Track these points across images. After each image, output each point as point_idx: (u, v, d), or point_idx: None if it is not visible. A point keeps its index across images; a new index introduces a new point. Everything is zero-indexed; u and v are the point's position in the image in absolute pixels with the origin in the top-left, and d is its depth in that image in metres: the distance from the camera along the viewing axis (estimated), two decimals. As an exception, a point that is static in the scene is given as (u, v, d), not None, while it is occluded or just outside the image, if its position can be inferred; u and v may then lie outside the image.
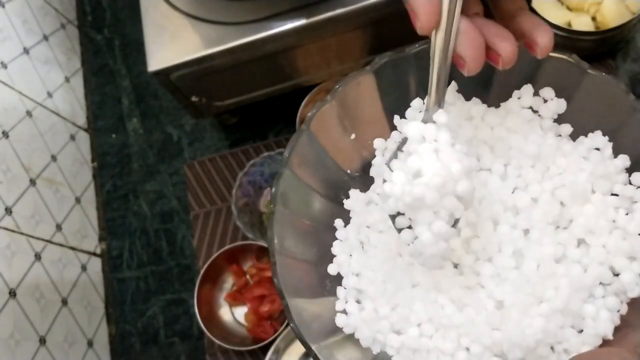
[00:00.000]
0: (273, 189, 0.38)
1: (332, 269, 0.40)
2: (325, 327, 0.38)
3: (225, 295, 0.75)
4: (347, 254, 0.40)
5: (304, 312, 0.36)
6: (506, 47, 0.30)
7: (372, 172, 0.42)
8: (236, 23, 0.60)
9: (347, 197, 0.42)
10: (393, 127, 0.42)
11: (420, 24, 0.29)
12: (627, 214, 0.36)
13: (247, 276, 0.75)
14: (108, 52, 0.95)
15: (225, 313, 0.75)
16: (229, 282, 0.76)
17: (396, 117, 0.42)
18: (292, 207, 0.39)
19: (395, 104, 0.41)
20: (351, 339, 0.38)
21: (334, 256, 0.41)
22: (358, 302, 0.39)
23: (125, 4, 0.97)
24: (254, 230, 0.73)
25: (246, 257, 0.76)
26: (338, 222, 0.42)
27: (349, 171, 0.43)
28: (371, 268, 0.39)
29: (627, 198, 0.36)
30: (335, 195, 0.42)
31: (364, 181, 0.43)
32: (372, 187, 0.42)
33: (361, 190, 0.42)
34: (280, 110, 0.82)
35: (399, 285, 0.37)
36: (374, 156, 0.42)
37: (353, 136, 0.42)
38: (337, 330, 0.38)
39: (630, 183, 0.36)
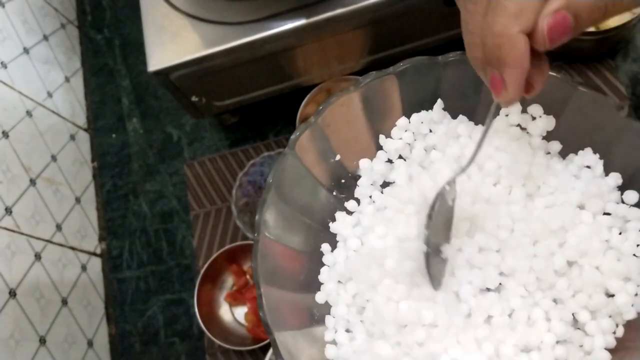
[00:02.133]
0: (257, 217, 0.36)
1: (319, 298, 0.38)
2: (313, 357, 0.36)
3: (225, 295, 0.75)
4: (335, 280, 0.38)
5: (292, 346, 0.34)
6: (541, 81, 0.31)
7: (357, 193, 0.41)
8: (236, 23, 0.60)
9: (333, 220, 0.41)
10: (379, 147, 0.42)
11: (510, 99, 0.29)
12: (620, 234, 0.35)
13: (247, 276, 0.75)
14: (108, 52, 0.95)
15: (225, 313, 0.75)
16: (229, 282, 0.76)
17: (381, 137, 0.41)
18: (277, 233, 0.37)
19: (381, 123, 0.40)
20: None
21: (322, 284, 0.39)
22: (348, 331, 0.37)
23: (125, 4, 0.97)
24: (254, 230, 0.73)
25: (246, 257, 0.76)
26: (325, 247, 0.40)
27: (334, 193, 0.42)
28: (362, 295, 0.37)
29: (620, 217, 0.35)
30: (322, 218, 0.41)
31: (350, 202, 0.42)
32: (359, 208, 0.41)
33: (347, 213, 0.41)
34: (280, 110, 0.82)
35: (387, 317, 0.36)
36: (359, 177, 0.41)
37: (338, 157, 0.41)
38: None
39: (622, 202, 0.36)
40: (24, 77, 0.81)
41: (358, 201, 0.42)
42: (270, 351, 0.69)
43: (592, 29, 0.68)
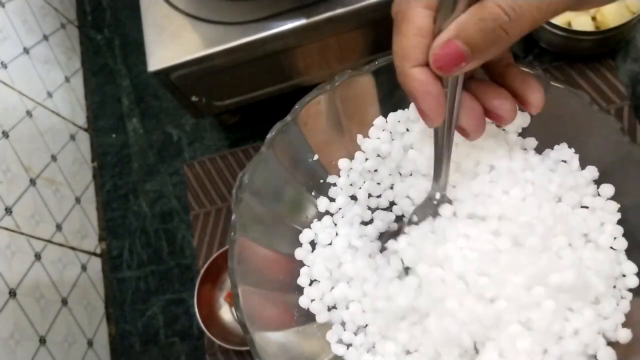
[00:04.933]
0: (233, 216, 0.35)
1: (303, 302, 0.37)
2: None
3: (225, 295, 0.75)
4: (320, 281, 0.38)
5: (269, 346, 0.34)
6: (506, 108, 0.31)
7: (332, 192, 0.41)
8: (236, 23, 0.60)
9: (312, 220, 0.40)
10: (358, 147, 0.41)
11: (431, 122, 0.30)
12: (602, 225, 0.35)
13: (247, 276, 0.75)
14: (108, 52, 0.95)
15: (225, 313, 0.75)
16: (229, 282, 0.76)
17: (359, 137, 0.41)
18: (255, 233, 0.37)
19: (359, 122, 0.40)
20: None
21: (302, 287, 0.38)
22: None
23: (125, 4, 0.97)
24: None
25: (246, 257, 0.76)
26: (304, 248, 0.39)
27: (313, 193, 0.42)
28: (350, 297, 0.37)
29: (597, 210, 0.35)
30: (301, 219, 0.40)
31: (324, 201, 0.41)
32: (334, 207, 0.41)
33: (327, 213, 0.40)
34: (280, 110, 0.82)
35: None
36: (338, 177, 0.41)
37: (316, 157, 0.41)
38: None
39: (599, 195, 0.36)
40: (24, 77, 0.81)
41: (334, 200, 0.41)
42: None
43: (592, 28, 0.68)
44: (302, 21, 0.59)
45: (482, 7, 0.26)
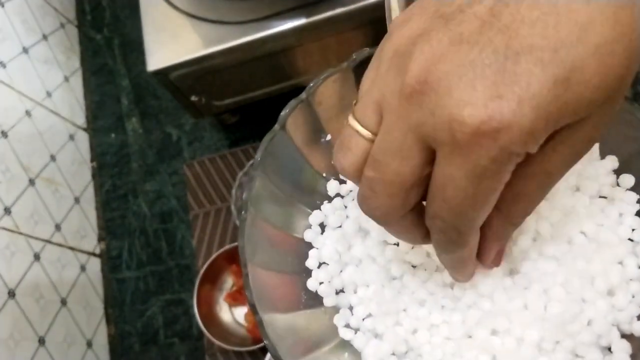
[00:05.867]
0: (244, 194, 0.35)
1: (311, 285, 0.37)
2: (300, 342, 0.35)
3: (225, 295, 0.75)
4: (328, 264, 0.37)
5: (278, 328, 0.34)
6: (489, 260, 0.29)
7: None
8: (236, 23, 0.60)
9: (322, 202, 0.39)
10: None
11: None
12: (620, 215, 0.35)
13: (247, 276, 0.75)
14: (107, 51, 0.95)
15: (225, 313, 0.75)
16: (228, 282, 0.76)
17: None
18: (266, 213, 0.36)
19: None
20: (330, 354, 0.35)
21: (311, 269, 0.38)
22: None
23: (125, 4, 0.97)
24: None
25: (246, 257, 0.75)
26: (313, 230, 0.38)
27: (324, 174, 0.40)
28: (362, 282, 0.36)
29: (616, 200, 0.35)
30: (311, 200, 0.39)
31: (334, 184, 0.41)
32: (345, 189, 0.39)
33: (330, 199, 0.39)
34: (280, 110, 0.82)
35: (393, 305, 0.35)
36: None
37: (329, 137, 0.41)
38: (312, 347, 0.35)
39: (618, 185, 0.36)
40: (23, 77, 0.80)
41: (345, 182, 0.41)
42: (270, 351, 0.69)
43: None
44: (302, 21, 0.59)
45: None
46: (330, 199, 0.40)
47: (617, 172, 0.36)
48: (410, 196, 0.22)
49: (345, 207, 0.40)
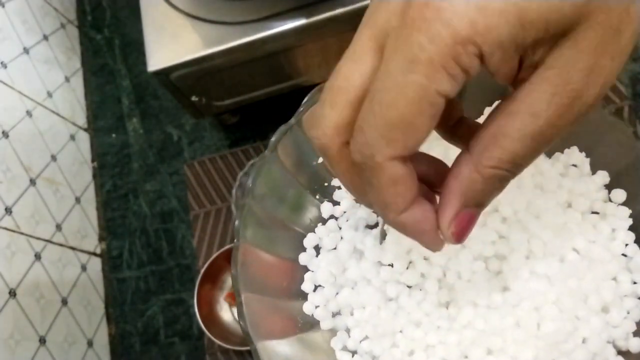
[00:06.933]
0: (236, 222, 0.34)
1: (307, 308, 0.36)
2: None
3: (225, 295, 0.75)
4: (324, 287, 0.37)
5: (275, 355, 0.33)
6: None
7: (336, 195, 0.39)
8: (236, 23, 0.60)
9: (316, 225, 0.39)
10: None
11: (436, 250, 0.24)
12: (613, 231, 0.34)
13: (247, 276, 0.75)
14: (108, 51, 0.95)
15: (225, 313, 0.75)
16: (229, 282, 0.76)
17: None
18: (258, 239, 0.36)
19: None
20: None
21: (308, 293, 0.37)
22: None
23: (125, 4, 0.97)
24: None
25: (246, 257, 0.75)
26: (308, 253, 0.38)
27: (317, 197, 0.40)
28: (358, 304, 0.36)
29: (608, 216, 0.34)
30: (305, 223, 0.39)
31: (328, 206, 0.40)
32: (339, 210, 0.39)
33: (324, 222, 0.39)
34: (280, 110, 0.82)
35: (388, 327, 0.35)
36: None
37: (320, 160, 0.40)
38: None
39: (610, 200, 0.35)
40: (24, 77, 0.81)
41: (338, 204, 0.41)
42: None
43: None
44: (302, 21, 0.59)
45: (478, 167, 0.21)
46: (324, 221, 0.40)
47: (609, 187, 0.35)
48: (351, 115, 0.21)
49: (340, 228, 0.39)
